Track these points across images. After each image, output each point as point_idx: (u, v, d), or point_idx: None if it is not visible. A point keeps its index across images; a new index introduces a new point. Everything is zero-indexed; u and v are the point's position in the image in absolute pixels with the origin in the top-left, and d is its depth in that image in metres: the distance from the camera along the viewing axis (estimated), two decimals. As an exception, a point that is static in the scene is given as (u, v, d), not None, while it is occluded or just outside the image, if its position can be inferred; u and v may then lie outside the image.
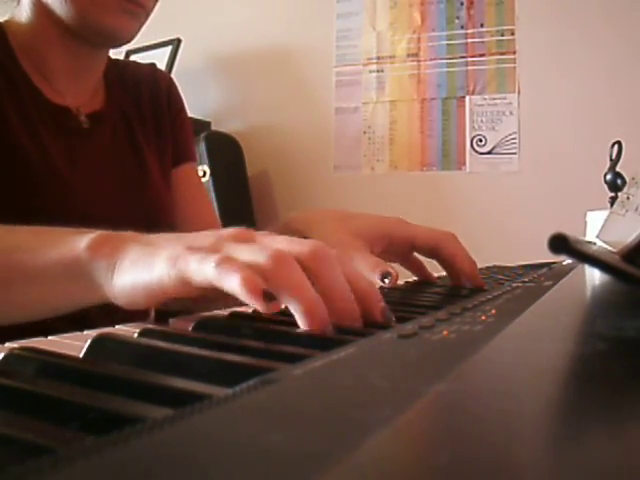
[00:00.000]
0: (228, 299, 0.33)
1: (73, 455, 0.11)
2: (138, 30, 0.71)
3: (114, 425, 0.14)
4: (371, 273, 0.52)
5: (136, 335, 0.30)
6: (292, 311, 0.31)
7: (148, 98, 0.81)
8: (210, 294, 0.34)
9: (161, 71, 0.87)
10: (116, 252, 0.38)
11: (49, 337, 0.30)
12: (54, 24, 0.68)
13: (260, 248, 0.33)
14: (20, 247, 0.43)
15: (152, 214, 0.75)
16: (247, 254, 0.33)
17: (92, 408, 0.18)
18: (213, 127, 2.30)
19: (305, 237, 0.70)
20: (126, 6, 0.66)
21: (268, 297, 0.30)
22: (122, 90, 0.80)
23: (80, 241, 0.40)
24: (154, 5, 0.71)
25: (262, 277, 0.31)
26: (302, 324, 0.31)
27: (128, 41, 0.70)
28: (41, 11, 0.68)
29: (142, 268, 0.36)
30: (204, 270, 0.32)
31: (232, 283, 0.30)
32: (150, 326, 0.32)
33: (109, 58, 0.79)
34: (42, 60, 0.70)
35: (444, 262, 0.58)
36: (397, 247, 0.60)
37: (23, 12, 0.70)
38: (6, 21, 0.72)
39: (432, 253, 0.59)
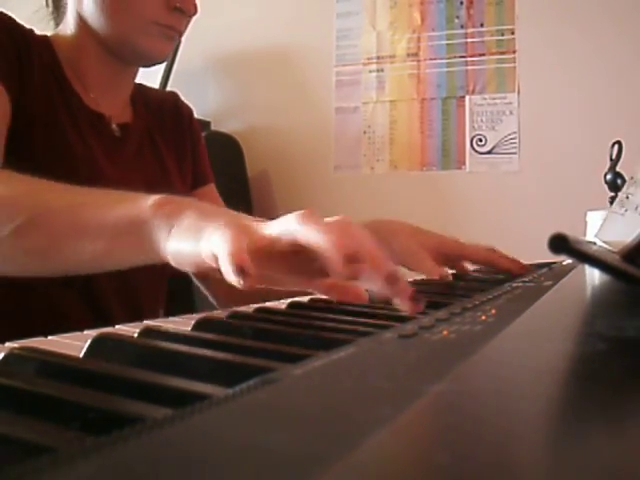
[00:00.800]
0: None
1: (73, 455, 0.11)
2: (172, 51, 0.77)
3: (114, 425, 0.14)
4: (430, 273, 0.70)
5: (136, 335, 0.30)
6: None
7: (171, 120, 0.88)
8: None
9: (182, 101, 0.94)
10: (175, 215, 0.42)
11: (49, 337, 0.30)
12: (93, 40, 0.75)
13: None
14: (86, 203, 0.47)
15: None
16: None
17: (92, 408, 0.18)
18: (213, 127, 2.29)
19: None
20: (165, 31, 0.72)
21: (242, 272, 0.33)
22: (146, 110, 0.86)
23: (145, 200, 0.44)
24: (187, 27, 0.77)
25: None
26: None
27: (162, 62, 0.77)
28: (82, 28, 0.75)
29: (190, 237, 0.40)
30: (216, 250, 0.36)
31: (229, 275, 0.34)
32: (150, 326, 0.32)
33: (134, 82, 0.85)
34: (81, 71, 0.77)
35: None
36: (451, 261, 0.80)
37: (67, 28, 0.77)
38: (52, 35, 0.79)
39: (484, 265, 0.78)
